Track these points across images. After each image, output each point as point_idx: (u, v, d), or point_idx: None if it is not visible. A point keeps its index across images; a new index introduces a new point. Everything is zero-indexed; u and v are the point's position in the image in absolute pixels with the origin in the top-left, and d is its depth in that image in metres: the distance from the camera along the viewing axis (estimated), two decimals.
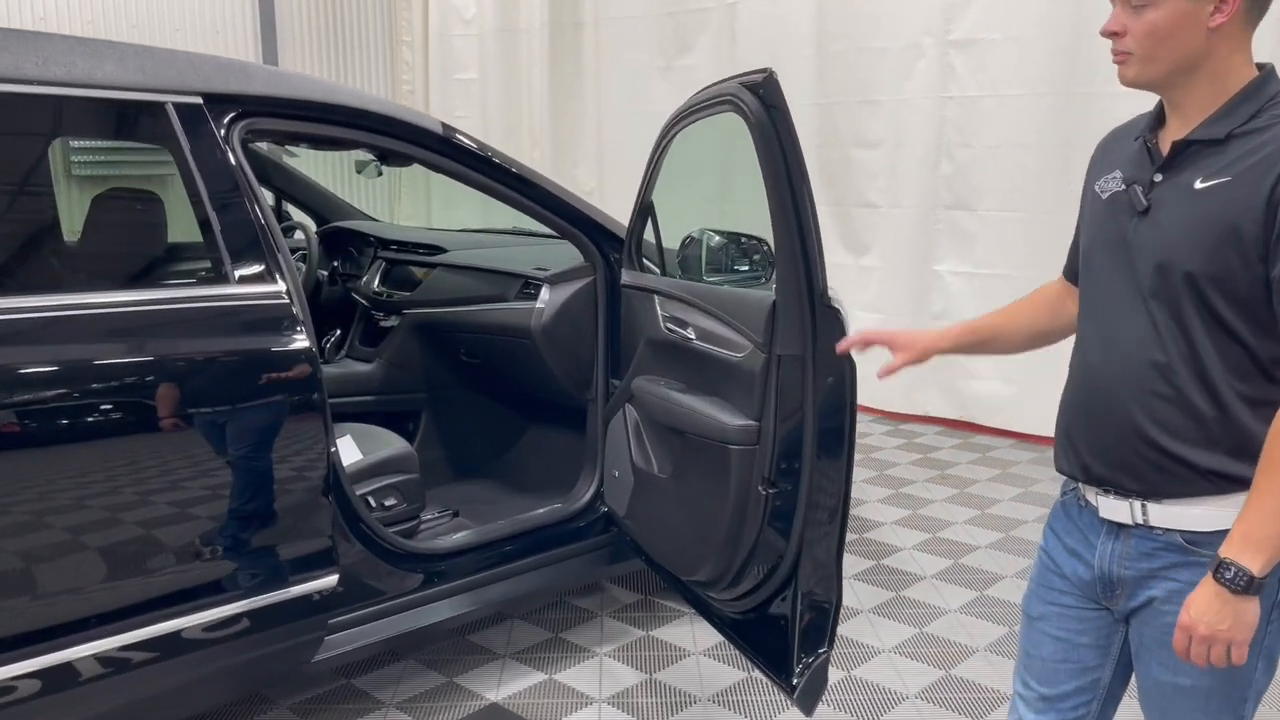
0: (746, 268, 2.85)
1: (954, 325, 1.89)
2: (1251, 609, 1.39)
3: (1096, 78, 5.03)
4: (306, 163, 5.46)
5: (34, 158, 2.41)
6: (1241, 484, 1.43)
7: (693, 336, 2.59)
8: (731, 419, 2.34)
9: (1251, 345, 1.43)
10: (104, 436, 2.15)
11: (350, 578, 2.57)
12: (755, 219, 2.47)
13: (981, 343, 1.87)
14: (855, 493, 4.65)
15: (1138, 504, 1.52)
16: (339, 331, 3.74)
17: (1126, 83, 1.50)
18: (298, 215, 4.34)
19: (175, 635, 2.21)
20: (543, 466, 3.59)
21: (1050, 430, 1.70)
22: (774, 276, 2.28)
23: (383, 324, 3.74)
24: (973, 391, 5.88)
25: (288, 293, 2.41)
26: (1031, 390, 5.59)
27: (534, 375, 3.32)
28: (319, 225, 4.19)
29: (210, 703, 2.60)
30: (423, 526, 3.05)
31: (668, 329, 2.71)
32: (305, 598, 2.43)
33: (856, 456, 5.06)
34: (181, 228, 2.48)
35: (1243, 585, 1.37)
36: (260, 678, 2.60)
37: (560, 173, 7.71)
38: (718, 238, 2.86)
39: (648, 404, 2.74)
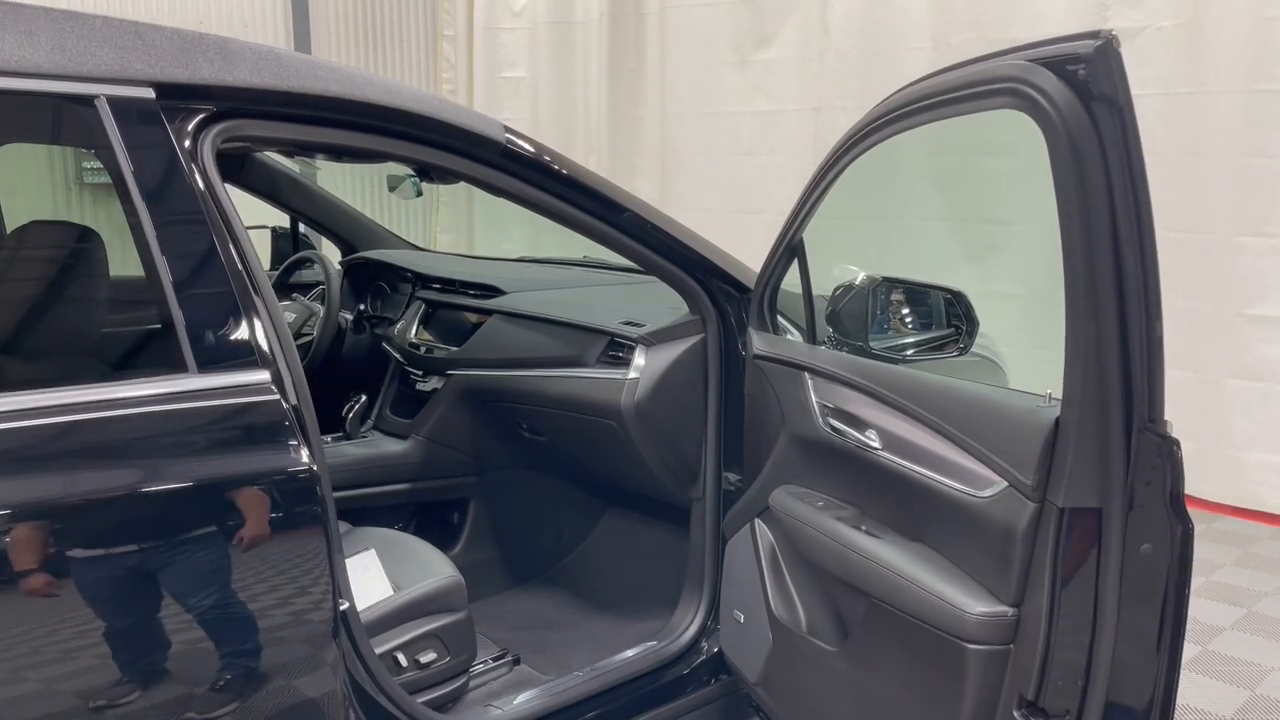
0: (930, 330, 2.02)
1: None
2: None
3: None
4: (331, 175, 4.69)
5: None
6: None
7: (877, 445, 1.73)
8: (970, 600, 1.47)
9: None
10: (29, 597, 1.36)
11: None
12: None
13: None
14: None
15: None
16: (364, 397, 2.90)
17: None
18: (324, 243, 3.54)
19: None
20: (628, 580, 2.74)
21: None
22: (1064, 384, 1.39)
23: (421, 387, 2.88)
24: None
25: (277, 380, 1.59)
26: (1200, 445, 4.67)
27: (620, 463, 2.48)
28: (345, 255, 3.38)
29: None
30: (473, 683, 2.22)
31: (829, 427, 1.87)
32: None
33: None
34: (131, 283, 1.68)
35: None
36: None
37: (618, 182, 6.89)
38: (892, 288, 2.03)
39: (799, 534, 1.89)
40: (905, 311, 2.15)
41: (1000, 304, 5.34)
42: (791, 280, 2.24)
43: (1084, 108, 1.28)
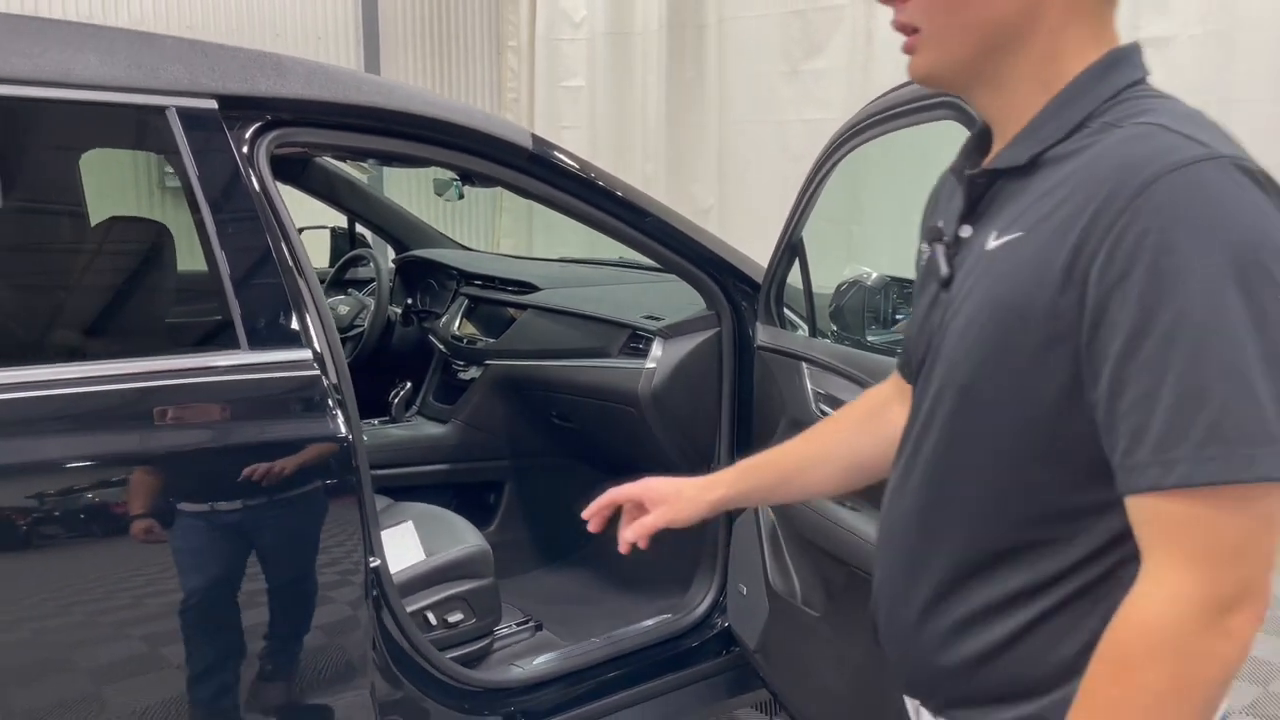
0: None
1: (732, 467, 1.36)
2: None
3: None
4: (396, 181, 4.94)
5: (29, 182, 1.88)
6: (1012, 700, 0.94)
7: None
8: None
9: (1051, 489, 0.91)
10: (92, 548, 1.59)
11: None
12: None
13: (775, 484, 1.35)
14: None
15: (914, 704, 1.10)
16: (409, 384, 3.13)
17: (919, 80, 0.99)
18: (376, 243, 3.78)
19: None
20: (648, 559, 2.90)
21: None
22: None
23: (462, 376, 3.11)
24: None
25: (319, 358, 1.80)
26: None
27: (640, 449, 2.65)
28: (398, 253, 3.61)
29: None
30: (497, 644, 2.41)
31: (820, 411, 2.02)
32: None
33: None
34: (194, 270, 1.91)
35: None
36: None
37: (676, 189, 7.08)
38: (889, 284, 2.17)
39: (792, 511, 2.05)
40: (901, 305, 2.29)
41: None
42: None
43: None
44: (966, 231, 0.99)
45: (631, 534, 1.32)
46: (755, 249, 2.55)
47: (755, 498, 1.46)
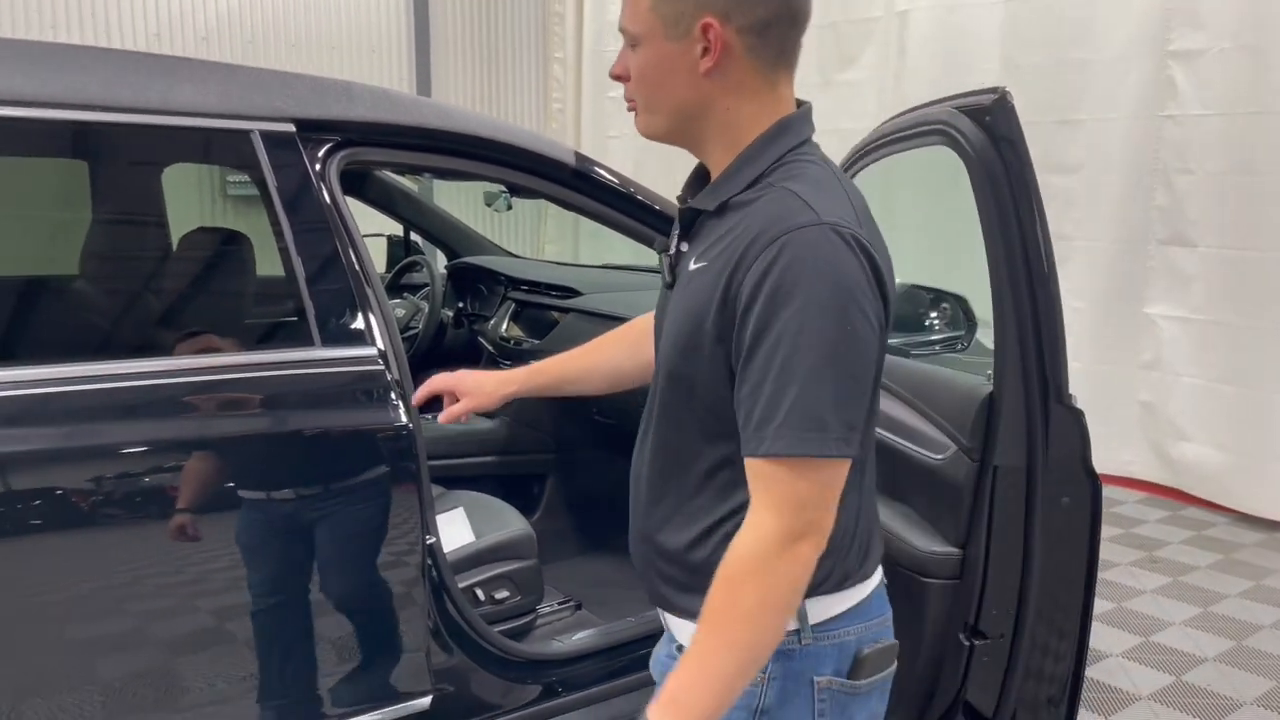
0: (939, 330, 2.32)
1: (525, 368, 1.73)
2: None
3: None
4: (449, 193, 5.17)
5: (117, 196, 2.11)
6: (690, 596, 1.26)
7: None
8: (926, 542, 1.80)
9: (726, 442, 1.22)
10: (189, 528, 1.81)
11: (447, 694, 2.15)
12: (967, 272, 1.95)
13: (557, 384, 1.73)
14: None
15: (660, 611, 1.41)
16: None
17: (642, 134, 1.32)
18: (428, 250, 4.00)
19: None
20: None
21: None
22: (993, 362, 1.71)
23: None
24: (1181, 455, 5.09)
25: (383, 355, 2.01)
26: (1250, 460, 4.78)
27: None
28: (450, 260, 3.84)
29: None
30: (539, 621, 2.61)
31: None
32: None
33: None
34: (271, 275, 2.13)
35: None
36: None
37: None
38: (910, 290, 2.34)
39: None
40: (924, 312, 2.46)
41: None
42: None
43: (992, 145, 1.60)
44: (684, 248, 1.30)
45: (445, 418, 1.73)
46: None
47: (542, 391, 1.75)
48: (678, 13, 1.19)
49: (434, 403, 1.93)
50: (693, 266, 1.24)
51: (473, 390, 1.74)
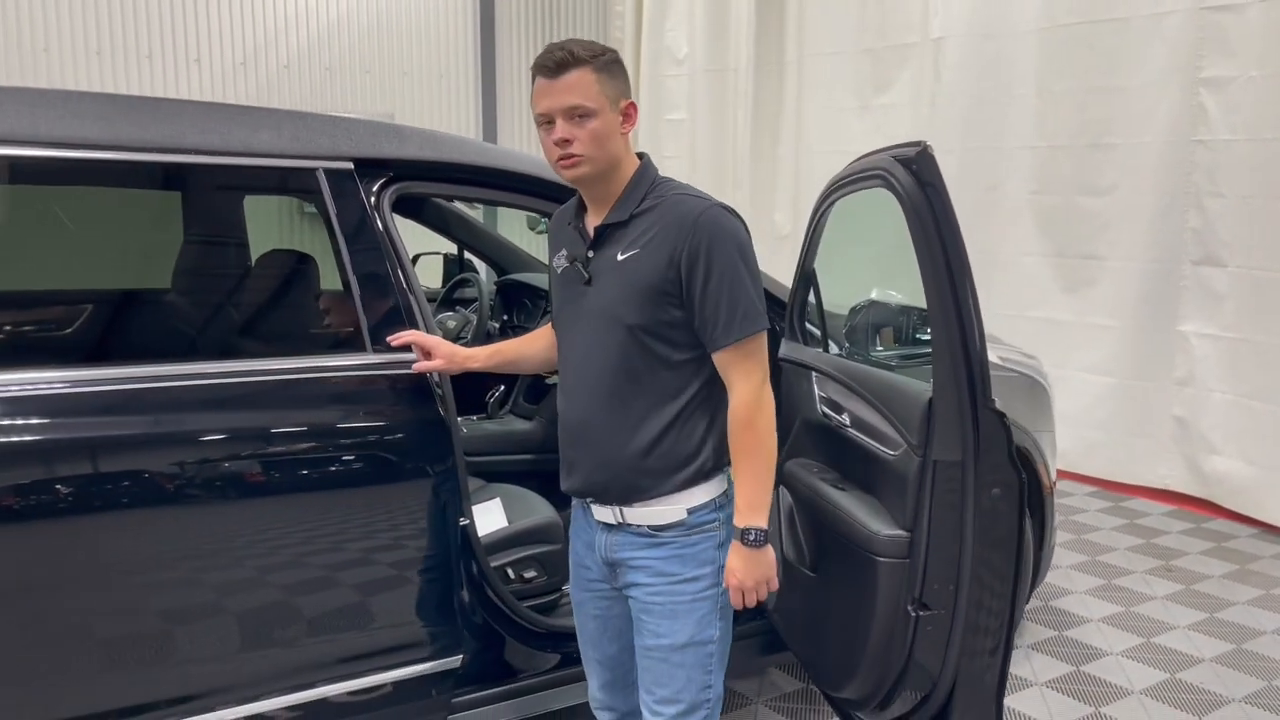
0: (926, 341, 2.58)
1: (485, 347, 2.30)
2: (770, 554, 1.88)
3: None
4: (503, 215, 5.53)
5: (211, 224, 2.48)
6: (678, 484, 1.88)
7: (847, 423, 2.34)
8: (881, 527, 2.07)
9: (679, 367, 1.87)
10: (252, 500, 2.16)
11: (478, 656, 2.48)
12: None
13: (510, 363, 2.31)
14: (1060, 580, 4.21)
15: (617, 509, 1.93)
16: (503, 387, 3.69)
17: (576, 180, 1.88)
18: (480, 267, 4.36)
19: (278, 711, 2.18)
20: None
21: None
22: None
23: (547, 381, 3.66)
24: (1213, 469, 5.22)
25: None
26: (1278, 474, 4.90)
27: None
28: (499, 276, 4.19)
29: None
30: (564, 600, 2.92)
31: (823, 412, 2.48)
32: (427, 677, 2.36)
33: (1064, 537, 4.66)
34: (333, 292, 2.49)
35: (761, 540, 1.86)
36: None
37: (758, 215, 7.53)
38: (893, 307, 2.60)
39: (799, 492, 2.50)
40: (906, 324, 2.72)
41: (1097, 335, 5.65)
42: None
43: (919, 188, 1.88)
44: (593, 254, 1.89)
45: (418, 368, 2.25)
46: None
47: (498, 370, 2.33)
48: (615, 95, 1.84)
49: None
50: (621, 257, 1.85)
51: (445, 356, 2.25)
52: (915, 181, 1.88)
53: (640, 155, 1.93)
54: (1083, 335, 5.73)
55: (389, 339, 2.26)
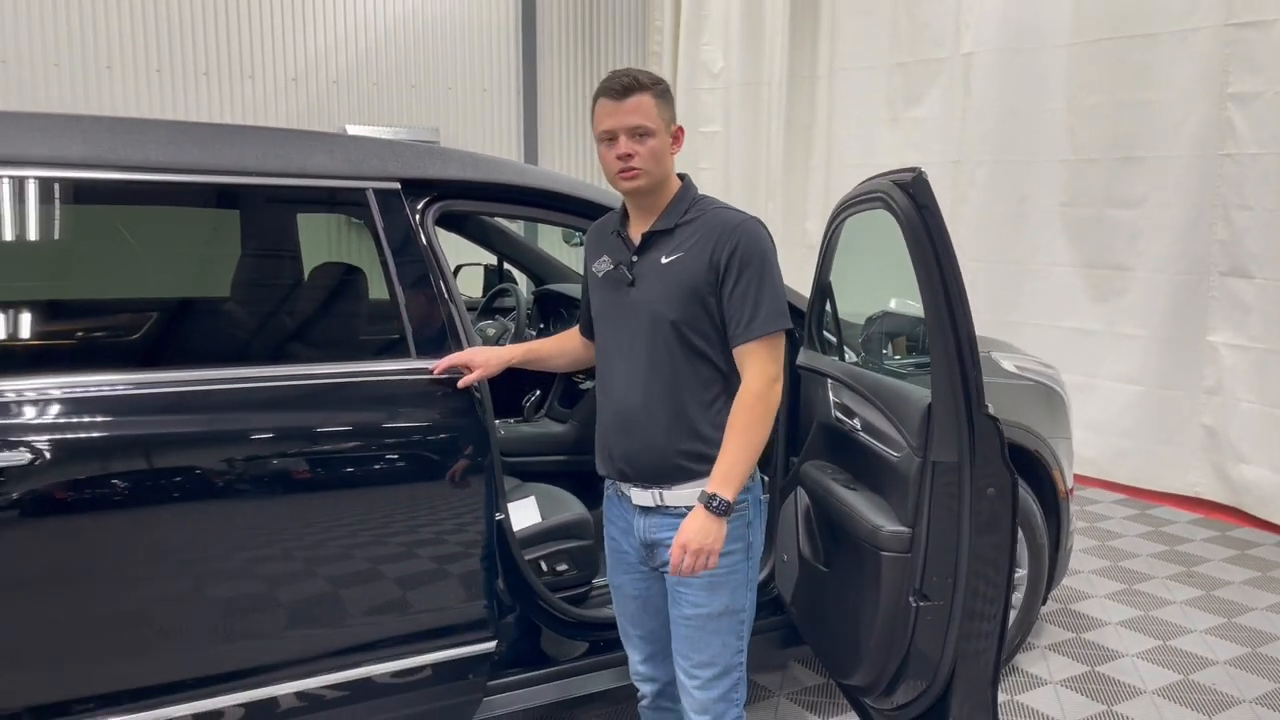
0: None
1: (519, 346, 2.56)
2: (724, 526, 2.03)
3: None
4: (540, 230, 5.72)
5: (267, 239, 2.69)
6: (707, 462, 2.07)
7: (858, 427, 2.49)
8: (884, 523, 2.22)
9: (713, 360, 2.10)
10: (302, 493, 2.34)
11: (511, 642, 2.65)
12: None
13: (539, 361, 2.56)
14: (1081, 584, 4.31)
15: (657, 491, 2.14)
16: (539, 392, 3.88)
17: (633, 191, 2.11)
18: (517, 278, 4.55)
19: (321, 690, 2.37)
20: None
21: None
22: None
23: (581, 386, 3.84)
24: (1241, 476, 5.28)
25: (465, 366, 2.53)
26: None
27: None
28: (536, 286, 4.38)
29: None
30: (593, 593, 3.09)
31: (836, 417, 2.63)
32: (464, 660, 2.53)
33: (1087, 543, 4.75)
34: (380, 301, 2.68)
35: (723, 509, 2.01)
36: None
37: (790, 226, 7.67)
38: (907, 317, 2.74)
39: (813, 492, 2.65)
40: (912, 334, 2.85)
41: (1126, 344, 5.73)
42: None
43: (916, 211, 2.03)
44: (636, 259, 2.13)
45: (463, 383, 2.45)
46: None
47: (530, 367, 2.55)
48: (668, 119, 2.11)
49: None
50: (665, 260, 2.10)
51: (482, 363, 2.46)
52: (912, 204, 2.03)
53: (681, 175, 2.17)
54: (1112, 345, 5.82)
55: (432, 368, 2.47)
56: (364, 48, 8.19)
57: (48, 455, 2.08)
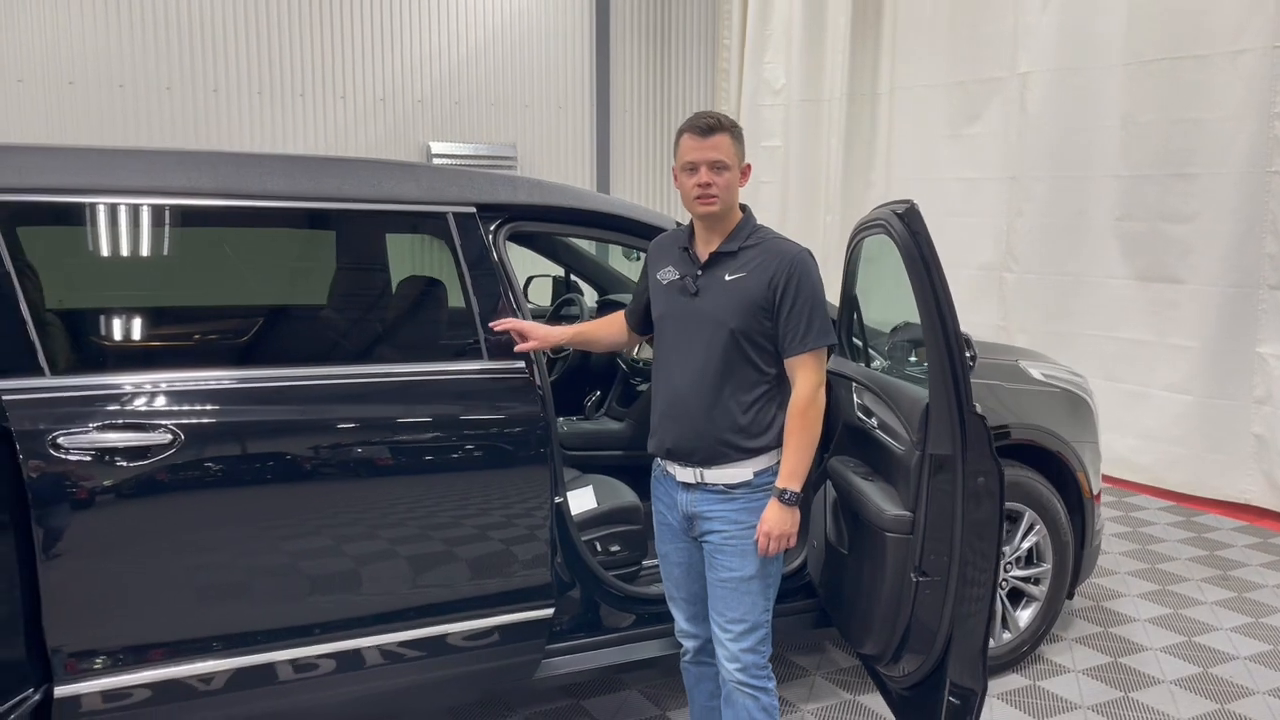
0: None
1: (570, 327, 2.97)
2: (796, 514, 2.41)
3: None
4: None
5: (360, 255, 3.09)
6: (748, 453, 2.45)
7: (875, 425, 2.79)
8: (890, 508, 2.53)
9: (759, 366, 2.44)
10: (396, 476, 2.72)
11: (567, 611, 3.01)
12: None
13: (585, 343, 3.01)
14: (1116, 584, 4.51)
15: (699, 470, 2.49)
16: (599, 392, 4.25)
17: (706, 215, 2.45)
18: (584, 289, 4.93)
19: (391, 647, 2.75)
20: None
21: None
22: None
23: (638, 388, 4.20)
24: None
25: (529, 368, 2.90)
26: None
27: None
28: (600, 296, 4.75)
29: (452, 700, 3.14)
30: (642, 573, 3.43)
31: (859, 416, 2.93)
32: (525, 624, 2.89)
33: (1127, 546, 4.94)
34: (457, 310, 3.06)
35: (793, 500, 2.40)
36: (486, 686, 3.08)
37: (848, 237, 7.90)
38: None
39: (838, 484, 2.96)
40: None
41: (1178, 355, 5.87)
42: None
43: (911, 236, 2.33)
44: (701, 273, 2.48)
45: (520, 349, 2.81)
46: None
47: (578, 347, 3.11)
48: (740, 156, 2.47)
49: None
50: (728, 278, 2.45)
51: (539, 337, 2.83)
52: (907, 230, 2.35)
53: (743, 206, 2.53)
54: (1164, 355, 5.97)
55: (492, 324, 2.84)
56: (447, 68, 8.67)
57: (187, 438, 2.50)
